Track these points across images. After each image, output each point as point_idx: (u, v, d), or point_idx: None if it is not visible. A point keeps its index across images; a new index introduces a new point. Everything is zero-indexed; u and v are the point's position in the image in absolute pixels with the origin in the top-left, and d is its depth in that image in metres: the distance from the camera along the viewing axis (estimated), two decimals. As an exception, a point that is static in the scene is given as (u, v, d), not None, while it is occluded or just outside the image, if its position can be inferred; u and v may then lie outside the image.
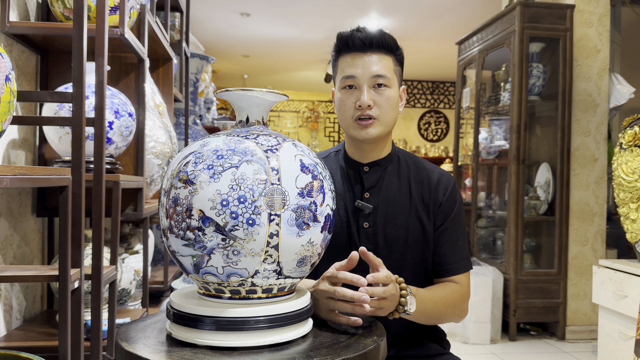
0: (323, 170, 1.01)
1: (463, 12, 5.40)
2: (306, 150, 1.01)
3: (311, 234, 0.95)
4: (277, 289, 0.98)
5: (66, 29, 1.64)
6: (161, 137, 2.05)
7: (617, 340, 2.48)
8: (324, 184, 0.98)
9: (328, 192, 0.99)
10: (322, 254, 1.04)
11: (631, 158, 2.33)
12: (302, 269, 0.99)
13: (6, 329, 1.71)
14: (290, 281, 0.99)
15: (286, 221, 0.91)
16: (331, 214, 1.00)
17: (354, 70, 1.27)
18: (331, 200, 1.00)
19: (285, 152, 0.96)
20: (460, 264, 1.33)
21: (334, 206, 1.01)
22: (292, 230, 0.92)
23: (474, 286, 3.28)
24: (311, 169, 0.97)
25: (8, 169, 1.05)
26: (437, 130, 9.48)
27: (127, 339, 0.98)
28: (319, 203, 0.95)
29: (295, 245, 0.93)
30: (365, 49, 1.27)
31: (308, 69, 8.36)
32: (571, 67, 3.47)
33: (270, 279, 0.95)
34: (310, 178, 0.95)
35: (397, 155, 1.38)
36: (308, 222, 0.93)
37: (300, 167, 0.95)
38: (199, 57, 3.66)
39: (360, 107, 1.27)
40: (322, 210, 0.96)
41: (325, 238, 1.01)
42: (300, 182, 0.93)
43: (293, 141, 1.01)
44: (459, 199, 1.36)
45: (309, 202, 0.93)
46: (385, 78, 1.27)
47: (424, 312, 1.19)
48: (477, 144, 4.02)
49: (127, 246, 2.07)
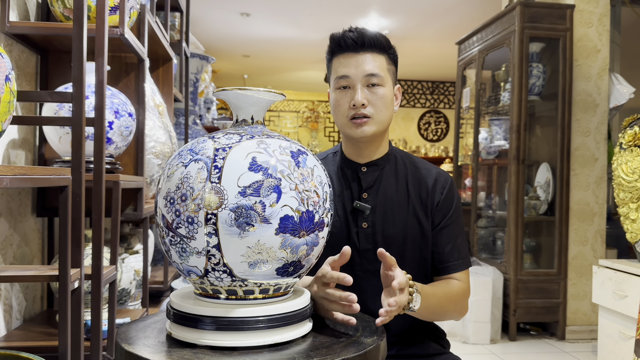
0: (294, 170, 0.93)
1: (463, 12, 5.40)
2: (279, 148, 0.95)
3: (259, 236, 0.89)
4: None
5: (66, 29, 1.64)
6: (161, 137, 2.05)
7: (617, 340, 2.48)
8: (281, 184, 0.91)
9: (290, 192, 0.91)
10: (312, 256, 0.99)
11: (631, 158, 2.33)
12: (263, 271, 0.93)
13: (6, 329, 1.71)
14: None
15: (224, 221, 0.88)
16: (295, 215, 0.92)
17: (347, 70, 1.28)
18: (297, 201, 0.92)
19: (237, 150, 0.92)
20: (459, 261, 1.34)
21: (305, 208, 0.93)
22: (232, 230, 0.88)
23: (474, 286, 3.28)
24: (265, 167, 0.91)
25: (8, 169, 1.05)
26: (437, 130, 9.47)
27: (127, 339, 0.98)
28: (268, 203, 0.89)
29: (239, 246, 0.90)
30: (358, 49, 1.28)
31: (308, 69, 8.36)
32: (571, 67, 3.47)
33: (224, 280, 0.93)
34: (259, 176, 0.90)
35: (394, 155, 1.39)
36: (252, 223, 0.88)
37: (250, 165, 0.90)
38: (199, 57, 3.66)
39: (354, 107, 1.27)
40: (275, 211, 0.90)
41: (289, 242, 0.92)
42: (243, 181, 0.89)
43: (269, 138, 0.96)
44: (456, 197, 1.37)
45: (254, 201, 0.89)
46: (378, 77, 1.27)
47: (427, 308, 1.19)
48: (477, 144, 4.02)
49: (127, 246, 2.07)
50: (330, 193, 1.01)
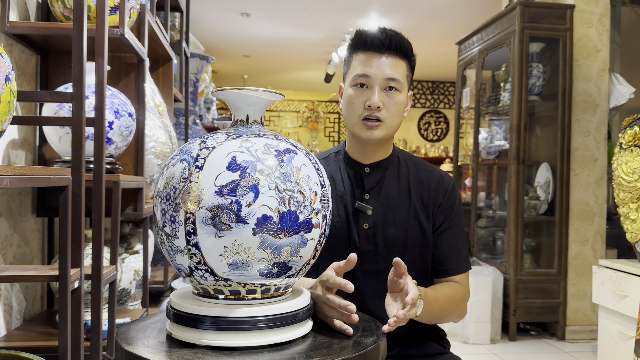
0: (275, 169, 0.91)
1: (463, 12, 5.40)
2: (263, 147, 0.93)
3: (236, 236, 0.88)
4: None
5: (66, 29, 1.64)
6: (161, 137, 2.05)
7: (617, 340, 2.48)
8: (259, 183, 0.89)
9: (269, 192, 0.89)
10: (301, 258, 0.96)
11: (631, 158, 2.33)
12: (244, 272, 0.92)
13: (6, 329, 1.71)
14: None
15: (201, 220, 0.89)
16: (274, 215, 0.89)
17: (368, 69, 1.27)
18: (276, 201, 0.89)
19: (219, 150, 0.92)
20: (460, 264, 1.33)
21: (287, 208, 0.91)
22: (209, 230, 0.88)
23: (474, 286, 3.28)
24: (244, 166, 0.90)
25: (8, 169, 1.05)
26: (437, 130, 9.47)
27: (127, 339, 0.98)
28: (245, 203, 0.88)
29: (216, 246, 0.89)
30: (383, 50, 1.27)
31: (308, 69, 8.36)
32: (571, 67, 3.47)
33: (208, 279, 0.94)
34: (237, 176, 0.89)
35: (397, 157, 1.38)
36: (228, 223, 0.88)
37: (229, 164, 0.90)
38: (199, 57, 3.66)
39: (369, 107, 1.26)
40: (252, 211, 0.88)
41: (269, 242, 0.90)
42: (220, 180, 0.89)
43: (257, 137, 0.95)
44: (458, 200, 1.37)
45: (230, 201, 0.88)
46: (397, 82, 1.27)
47: (429, 313, 1.19)
48: (477, 144, 4.02)
49: (127, 246, 2.07)
50: (323, 193, 0.98)
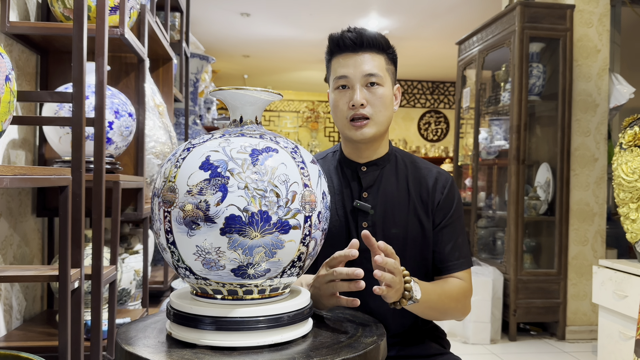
0: (247, 168, 0.89)
1: (463, 12, 5.40)
2: (240, 147, 0.92)
3: (206, 235, 0.88)
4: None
5: (66, 29, 1.64)
6: (161, 137, 2.05)
7: (617, 340, 2.48)
8: (229, 182, 0.88)
9: (238, 191, 0.88)
10: (280, 260, 0.93)
11: (631, 158, 2.33)
12: (219, 272, 0.91)
13: (6, 329, 1.71)
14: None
15: (175, 219, 0.91)
16: (243, 215, 0.87)
17: (345, 70, 1.28)
18: (246, 200, 0.88)
19: (197, 150, 0.93)
20: (460, 261, 1.33)
21: (257, 208, 0.88)
22: (181, 228, 0.90)
23: (474, 286, 3.27)
24: (215, 165, 0.89)
25: (8, 169, 1.05)
26: (437, 130, 9.47)
27: (127, 339, 0.98)
28: (212, 202, 0.88)
29: (189, 245, 0.90)
30: (357, 49, 1.28)
31: (308, 69, 8.36)
32: (571, 67, 3.47)
33: (190, 278, 0.95)
34: (207, 175, 0.89)
35: (394, 155, 1.38)
36: (198, 222, 0.88)
37: (202, 164, 0.90)
38: (199, 57, 3.66)
39: (353, 107, 1.27)
40: (220, 210, 0.87)
41: (239, 243, 0.88)
42: (193, 180, 0.90)
43: (240, 137, 0.95)
44: (457, 197, 1.37)
45: (199, 200, 0.88)
46: (377, 76, 1.28)
47: (428, 304, 1.19)
48: (477, 144, 4.02)
49: (127, 246, 2.07)
50: (307, 194, 0.94)
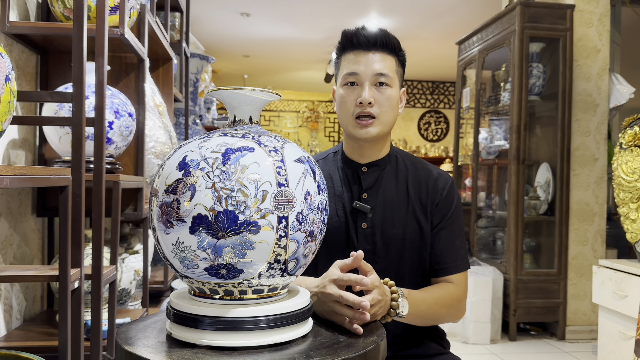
0: (217, 167, 0.89)
1: (463, 12, 5.40)
2: (216, 146, 0.92)
3: (178, 234, 0.90)
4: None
5: (66, 29, 1.64)
6: (161, 137, 2.05)
7: (617, 340, 2.48)
8: (197, 182, 0.88)
9: (205, 191, 0.88)
10: (255, 261, 0.91)
11: (631, 158, 2.33)
12: (195, 271, 0.92)
13: (6, 329, 1.71)
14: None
15: (155, 217, 0.94)
16: (209, 215, 0.87)
17: (356, 67, 1.28)
18: (212, 199, 0.87)
19: (180, 150, 0.95)
20: (457, 263, 1.33)
21: (223, 207, 0.87)
22: (160, 227, 0.93)
23: (474, 286, 3.28)
24: (188, 165, 0.91)
25: (8, 169, 1.05)
26: (437, 130, 9.47)
27: (127, 339, 0.98)
28: (183, 201, 0.89)
29: (167, 243, 0.93)
30: (369, 47, 1.28)
31: (308, 69, 8.35)
32: (571, 67, 3.47)
33: (184, 277, 0.97)
34: (181, 175, 0.90)
35: (395, 156, 1.38)
36: (171, 221, 0.90)
37: (178, 164, 0.92)
38: (199, 57, 3.66)
39: (361, 104, 1.27)
40: (188, 209, 0.88)
41: (207, 242, 0.88)
42: (169, 179, 0.92)
43: (222, 137, 0.95)
44: (456, 199, 1.36)
45: (172, 199, 0.90)
46: (387, 77, 1.27)
47: (417, 314, 1.19)
48: (477, 144, 4.02)
49: (127, 246, 2.07)
50: (281, 193, 0.90)
